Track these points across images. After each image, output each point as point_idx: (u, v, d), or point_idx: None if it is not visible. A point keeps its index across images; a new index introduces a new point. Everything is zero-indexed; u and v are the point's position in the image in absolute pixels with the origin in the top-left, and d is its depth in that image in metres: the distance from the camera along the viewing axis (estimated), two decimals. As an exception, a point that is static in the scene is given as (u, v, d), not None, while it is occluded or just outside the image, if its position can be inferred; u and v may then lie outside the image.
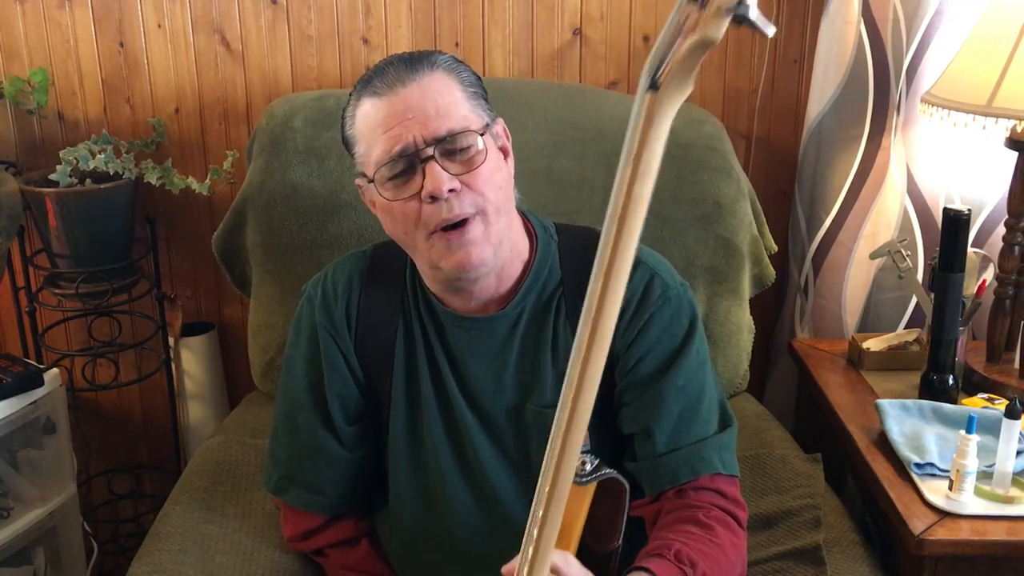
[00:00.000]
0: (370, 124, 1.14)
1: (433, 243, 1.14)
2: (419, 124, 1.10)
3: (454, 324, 1.24)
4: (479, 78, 1.19)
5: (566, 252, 1.26)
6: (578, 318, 1.18)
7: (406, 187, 1.13)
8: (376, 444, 1.31)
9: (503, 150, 1.19)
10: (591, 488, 1.01)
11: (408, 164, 1.12)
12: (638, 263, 1.24)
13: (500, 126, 1.20)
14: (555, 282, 1.24)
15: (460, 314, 1.23)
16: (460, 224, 1.12)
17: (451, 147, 1.11)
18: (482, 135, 1.13)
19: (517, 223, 1.23)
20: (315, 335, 1.28)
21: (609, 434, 1.23)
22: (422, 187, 1.11)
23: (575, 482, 0.96)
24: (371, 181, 1.16)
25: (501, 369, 1.23)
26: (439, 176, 1.10)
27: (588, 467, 1.01)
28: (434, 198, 1.10)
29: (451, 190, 1.10)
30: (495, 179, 1.14)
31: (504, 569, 1.00)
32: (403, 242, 1.19)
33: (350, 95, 1.18)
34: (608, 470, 1.03)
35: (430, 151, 1.11)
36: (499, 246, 1.16)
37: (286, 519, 1.35)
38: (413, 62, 1.13)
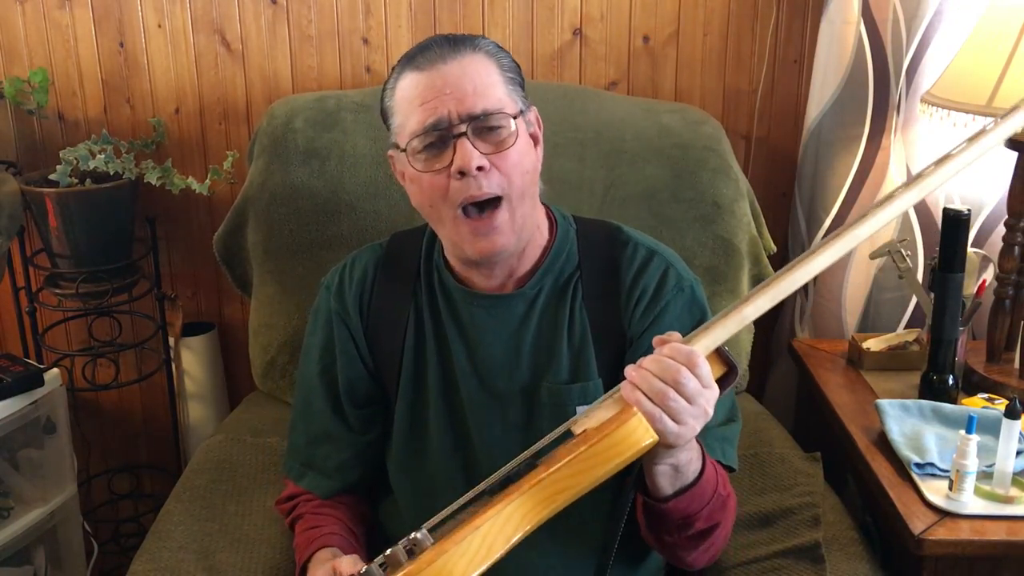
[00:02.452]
0: (408, 96, 1.17)
1: (459, 225, 1.17)
2: (455, 100, 1.13)
3: (471, 303, 1.27)
4: (518, 67, 1.22)
5: (584, 239, 1.30)
6: (593, 303, 1.25)
7: (436, 160, 1.16)
8: (384, 429, 1.33)
9: (534, 137, 1.23)
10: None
11: (440, 138, 1.15)
12: (653, 254, 1.28)
13: (534, 114, 1.23)
14: (573, 266, 1.28)
15: (478, 292, 1.26)
16: (486, 208, 1.16)
17: (484, 125, 1.14)
18: (515, 118, 1.16)
19: (540, 208, 1.27)
20: (330, 321, 1.32)
21: None
22: (451, 162, 1.14)
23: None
24: (403, 151, 1.18)
25: (518, 347, 1.26)
26: (469, 152, 1.13)
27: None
28: (463, 173, 1.13)
29: (479, 168, 1.13)
30: (523, 163, 1.17)
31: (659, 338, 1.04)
32: (428, 215, 1.22)
33: (393, 69, 1.22)
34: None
35: (463, 127, 1.14)
36: (522, 230, 1.20)
37: (287, 485, 1.37)
38: (457, 42, 1.17)
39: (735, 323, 1.02)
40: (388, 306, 1.30)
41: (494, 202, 1.16)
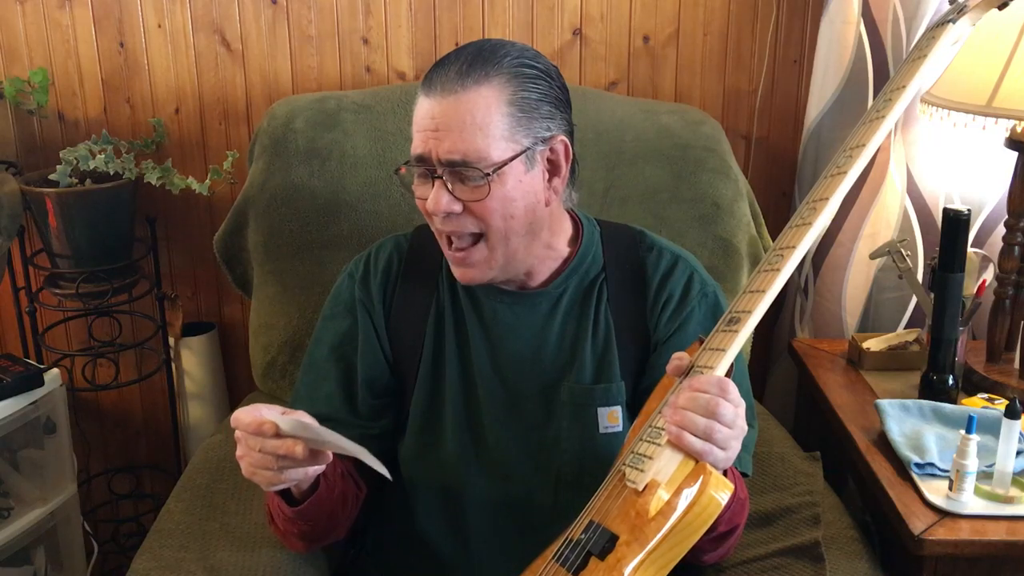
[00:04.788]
0: (415, 117, 1.18)
1: (443, 247, 1.21)
2: (438, 142, 1.13)
3: (495, 298, 1.28)
4: (550, 85, 1.18)
5: (608, 242, 1.31)
6: (618, 305, 1.27)
7: (422, 188, 1.18)
8: (394, 424, 1.33)
9: (553, 164, 1.20)
10: None
11: (425, 172, 1.17)
12: (678, 259, 1.30)
13: (558, 142, 1.19)
14: (598, 268, 1.29)
15: (502, 289, 1.27)
16: (463, 243, 1.18)
17: (462, 173, 1.14)
18: (501, 167, 1.13)
19: (558, 227, 1.27)
20: (353, 309, 1.32)
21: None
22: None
23: None
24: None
25: (540, 345, 1.27)
26: (439, 198, 1.15)
27: None
28: (431, 213, 1.17)
29: (450, 212, 1.15)
30: (506, 208, 1.16)
31: (676, 355, 1.07)
32: None
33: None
34: None
35: (440, 171, 1.15)
36: (507, 265, 1.21)
37: None
38: (472, 67, 1.13)
39: (743, 335, 1.04)
40: (411, 298, 1.31)
41: (472, 235, 1.18)
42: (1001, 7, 1.23)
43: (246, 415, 1.04)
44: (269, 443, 1.04)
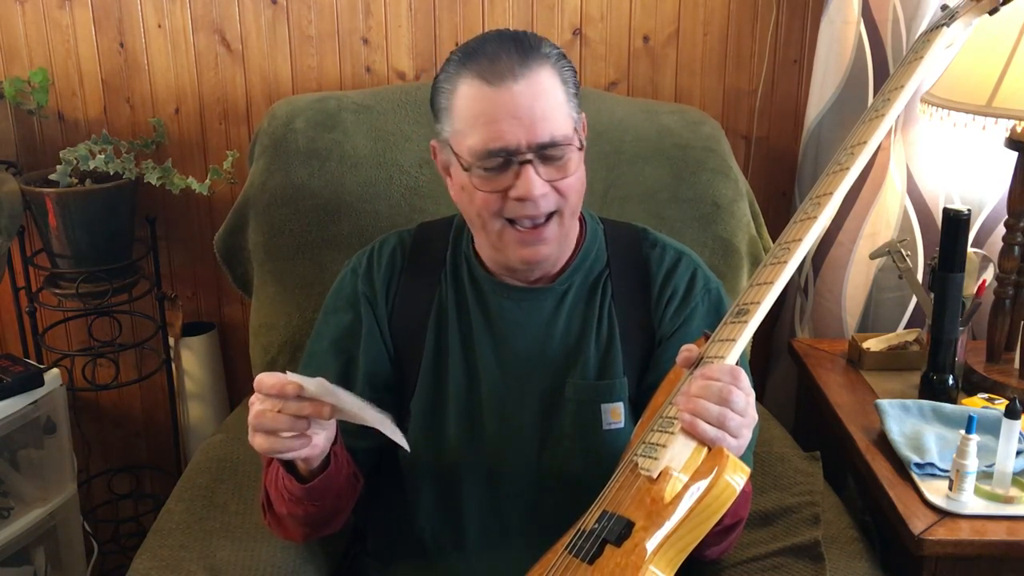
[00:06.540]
0: (473, 110, 1.14)
1: (505, 233, 1.19)
2: (525, 127, 1.12)
3: (501, 294, 1.28)
4: (575, 71, 1.22)
5: (612, 239, 1.32)
6: (622, 302, 1.28)
7: (496, 181, 1.15)
8: (394, 420, 1.31)
9: (582, 144, 1.24)
10: None
11: (504, 161, 1.14)
12: (681, 255, 1.31)
13: (583, 120, 1.24)
14: (602, 265, 1.30)
15: (509, 285, 1.28)
16: (539, 220, 1.18)
17: (550, 153, 1.14)
18: (580, 148, 1.17)
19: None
20: (356, 303, 1.32)
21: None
22: (512, 185, 1.14)
23: None
24: (455, 153, 1.18)
25: (546, 341, 1.27)
26: (533, 181, 1.14)
27: None
28: (522, 199, 1.14)
29: (544, 195, 1.15)
30: (580, 184, 1.20)
31: (685, 347, 1.08)
32: (472, 221, 1.23)
33: (448, 62, 1.18)
34: None
35: (529, 156, 1.13)
36: (565, 240, 1.24)
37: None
38: (525, 51, 1.14)
39: (753, 325, 1.06)
40: (413, 293, 1.31)
41: (547, 215, 1.18)
42: (992, 12, 1.23)
43: (270, 377, 1.03)
44: (292, 404, 1.03)
